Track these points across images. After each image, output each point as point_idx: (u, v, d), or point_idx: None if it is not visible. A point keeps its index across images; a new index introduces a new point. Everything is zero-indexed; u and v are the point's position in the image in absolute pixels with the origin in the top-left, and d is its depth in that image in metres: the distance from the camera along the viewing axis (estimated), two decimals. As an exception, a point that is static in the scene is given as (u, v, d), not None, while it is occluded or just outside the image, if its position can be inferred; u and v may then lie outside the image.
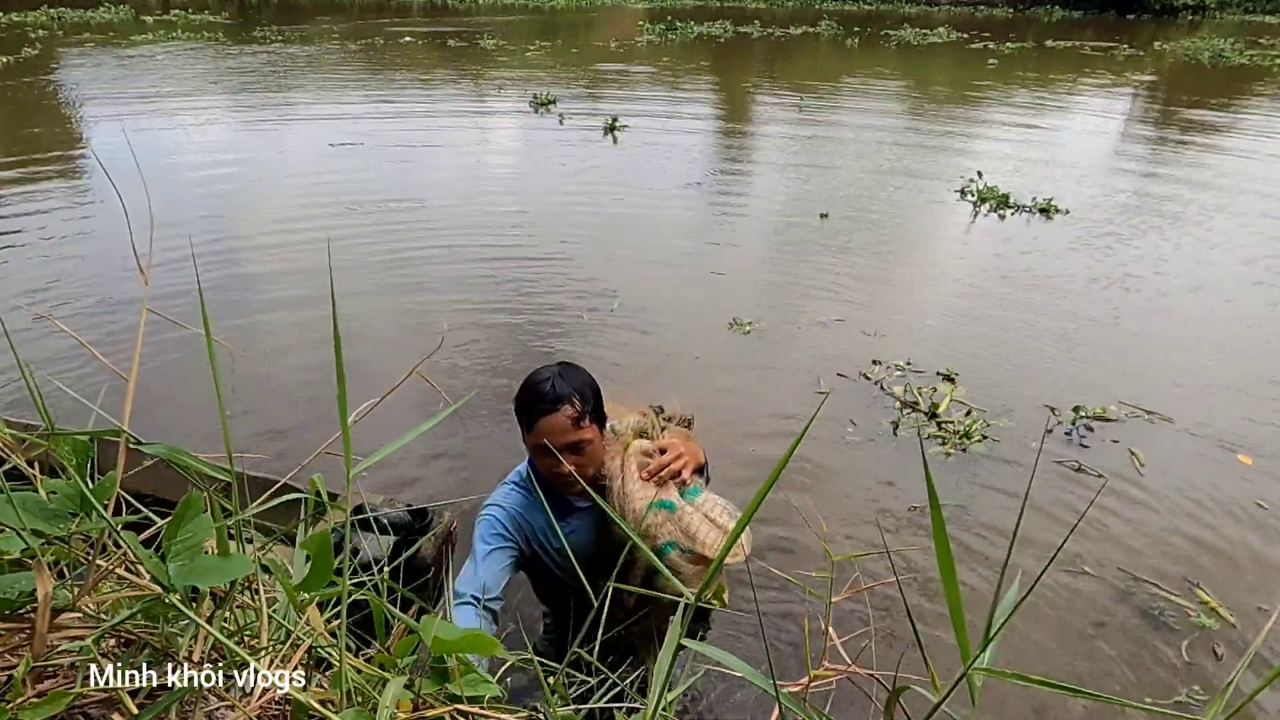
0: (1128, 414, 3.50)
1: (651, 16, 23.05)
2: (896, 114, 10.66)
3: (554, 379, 1.51)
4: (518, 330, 4.21)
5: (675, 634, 0.77)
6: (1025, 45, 17.89)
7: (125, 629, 0.79)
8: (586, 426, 1.52)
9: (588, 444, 1.53)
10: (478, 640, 0.87)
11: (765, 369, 3.89)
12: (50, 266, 4.82)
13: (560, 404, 1.48)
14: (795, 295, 4.75)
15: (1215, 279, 5.06)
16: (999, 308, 4.56)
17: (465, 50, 15.99)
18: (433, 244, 5.35)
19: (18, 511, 0.70)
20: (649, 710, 0.76)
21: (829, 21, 22.44)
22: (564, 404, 1.49)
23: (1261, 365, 3.94)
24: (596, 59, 15.50)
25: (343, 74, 12.92)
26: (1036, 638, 2.38)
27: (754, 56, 16.36)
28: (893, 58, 16.40)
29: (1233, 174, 7.56)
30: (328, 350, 3.88)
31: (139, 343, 0.95)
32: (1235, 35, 19.78)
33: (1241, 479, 3.09)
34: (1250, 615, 2.46)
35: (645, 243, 5.62)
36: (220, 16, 21.16)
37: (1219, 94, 12.30)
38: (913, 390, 3.64)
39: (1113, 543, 2.75)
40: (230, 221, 5.75)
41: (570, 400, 1.49)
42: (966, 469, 3.15)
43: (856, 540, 2.72)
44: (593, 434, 1.54)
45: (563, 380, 1.51)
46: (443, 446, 3.24)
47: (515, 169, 7.60)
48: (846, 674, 0.74)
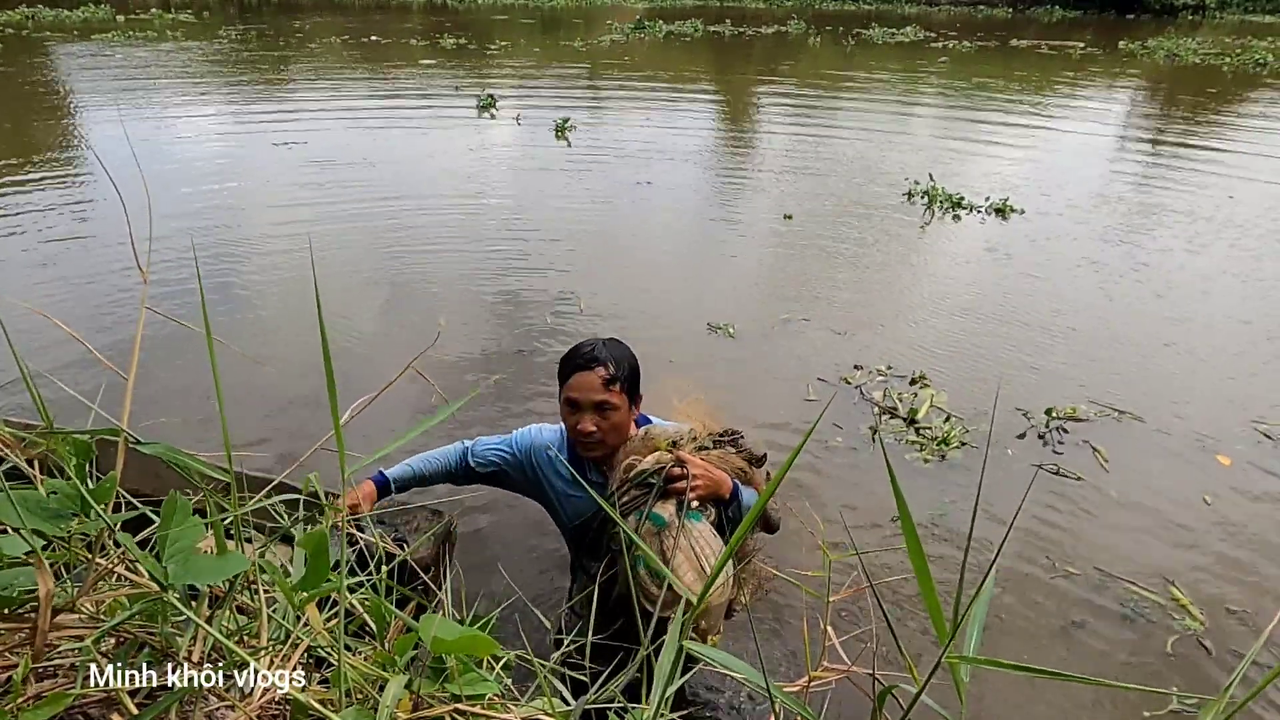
0: (1097, 413, 3.50)
1: (651, 15, 23.12)
2: (847, 112, 10.68)
3: (596, 345, 1.61)
4: (476, 337, 4.11)
5: (675, 634, 0.76)
6: (989, 44, 18.03)
7: (125, 629, 0.77)
8: (615, 393, 1.57)
9: (613, 409, 1.58)
10: (476, 641, 0.86)
11: (748, 374, 3.87)
12: (50, 264, 4.76)
13: (596, 364, 1.57)
14: (767, 298, 4.71)
15: (1183, 279, 5.10)
16: (969, 310, 4.55)
17: (428, 49, 15.88)
18: (426, 248, 5.31)
19: (19, 512, 0.68)
20: (649, 710, 0.75)
21: (797, 21, 22.54)
22: (599, 365, 1.57)
23: (1236, 365, 3.97)
24: (558, 59, 15.44)
25: (295, 72, 12.90)
26: (1012, 642, 2.38)
27: (718, 55, 16.39)
28: (849, 56, 16.53)
29: (1188, 171, 7.67)
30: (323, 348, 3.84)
31: (138, 342, 0.93)
32: (1234, 35, 19.93)
33: (1219, 479, 3.11)
34: (1220, 617, 2.47)
35: (602, 243, 5.53)
36: (187, 14, 21.15)
37: (1166, 92, 12.54)
38: (892, 396, 3.63)
39: (1087, 542, 2.76)
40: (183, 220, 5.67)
41: (606, 364, 1.57)
42: (945, 476, 3.13)
43: (842, 546, 2.71)
44: (620, 401, 1.58)
45: (604, 348, 1.61)
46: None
47: (455, 170, 7.34)
48: (846, 674, 0.73)
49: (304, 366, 3.75)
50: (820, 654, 0.75)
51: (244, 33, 17.73)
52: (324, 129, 8.79)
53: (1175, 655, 2.32)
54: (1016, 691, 2.19)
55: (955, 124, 9.96)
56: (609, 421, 1.58)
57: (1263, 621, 2.42)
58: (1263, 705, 2.12)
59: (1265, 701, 2.14)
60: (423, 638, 0.81)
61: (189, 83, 11.46)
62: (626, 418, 1.62)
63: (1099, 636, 2.39)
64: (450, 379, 3.63)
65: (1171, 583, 2.58)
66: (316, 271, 4.39)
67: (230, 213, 5.94)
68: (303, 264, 4.86)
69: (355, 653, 0.88)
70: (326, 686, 0.83)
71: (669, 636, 0.77)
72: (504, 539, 2.76)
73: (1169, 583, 2.58)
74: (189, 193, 6.30)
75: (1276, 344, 4.23)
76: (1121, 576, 2.60)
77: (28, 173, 6.71)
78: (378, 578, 0.97)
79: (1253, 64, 14.73)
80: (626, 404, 1.60)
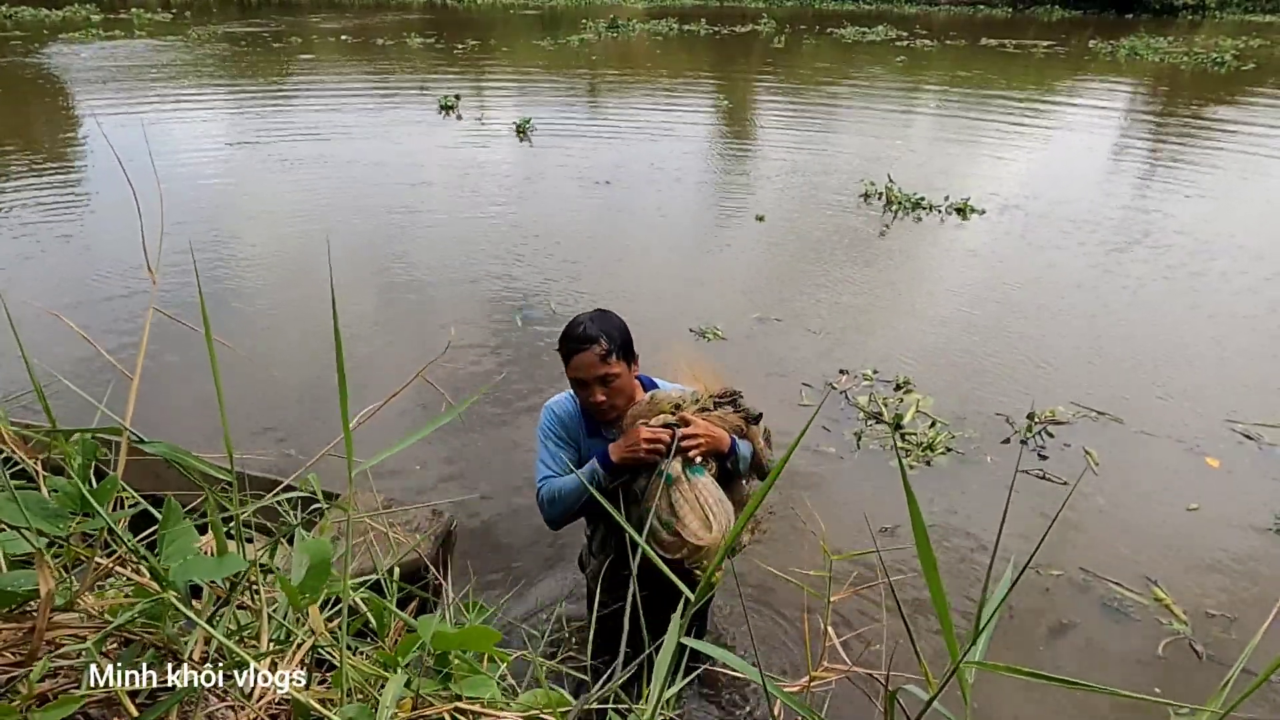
0: (1076, 414, 3.49)
1: (650, 14, 23.14)
2: (806, 111, 10.68)
3: (586, 323, 1.68)
4: (439, 341, 4.07)
5: (674, 632, 0.75)
6: (958, 44, 17.99)
7: (127, 630, 0.75)
8: (614, 363, 1.68)
9: (615, 377, 1.69)
10: (478, 635, 0.85)
11: (734, 380, 3.83)
12: (50, 264, 4.72)
13: (589, 343, 1.65)
14: (751, 300, 4.66)
15: (1145, 271, 5.12)
16: (949, 314, 4.52)
17: (392, 49, 15.81)
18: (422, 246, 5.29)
19: (25, 512, 0.66)
20: (648, 710, 0.73)
21: (766, 20, 22.57)
22: (593, 343, 1.65)
23: (1220, 369, 3.96)
24: (528, 58, 15.42)
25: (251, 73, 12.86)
26: (1000, 645, 2.37)
27: (684, 55, 16.33)
28: (811, 54, 16.59)
29: (1144, 169, 7.71)
30: (321, 349, 3.83)
31: (144, 342, 0.92)
32: (1235, 34, 19.86)
33: (1206, 481, 3.10)
34: (1200, 617, 2.47)
35: (569, 246, 5.44)
36: (158, 14, 21.15)
37: (1124, 88, 12.62)
38: (877, 401, 3.61)
39: (1069, 546, 2.75)
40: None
41: (599, 340, 1.66)
42: (931, 482, 3.10)
43: (837, 548, 2.69)
44: (620, 369, 1.69)
45: (593, 323, 1.68)
46: (440, 446, 3.18)
47: (400, 172, 7.24)
48: (846, 674, 0.72)
49: (303, 366, 3.73)
50: (820, 654, 0.74)
51: (214, 32, 17.69)
52: (281, 128, 8.76)
53: (1165, 658, 2.32)
54: (1011, 692, 2.18)
55: (914, 123, 9.91)
56: (614, 388, 1.70)
57: (1250, 623, 2.42)
58: (1267, 710, 2.12)
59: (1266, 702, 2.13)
60: (423, 636, 0.79)
61: (147, 82, 11.43)
62: (629, 379, 1.75)
63: (1089, 638, 2.38)
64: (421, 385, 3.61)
65: (1155, 583, 2.57)
66: (306, 271, 4.35)
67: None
68: (288, 265, 4.84)
69: (356, 652, 0.87)
70: (327, 686, 0.81)
71: (669, 636, 0.75)
72: (504, 539, 2.74)
73: (1151, 583, 2.57)
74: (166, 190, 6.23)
75: (1249, 339, 4.24)
76: (1107, 578, 2.60)
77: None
78: (379, 576, 0.96)
79: (1211, 64, 14.90)
80: (626, 368, 1.72)
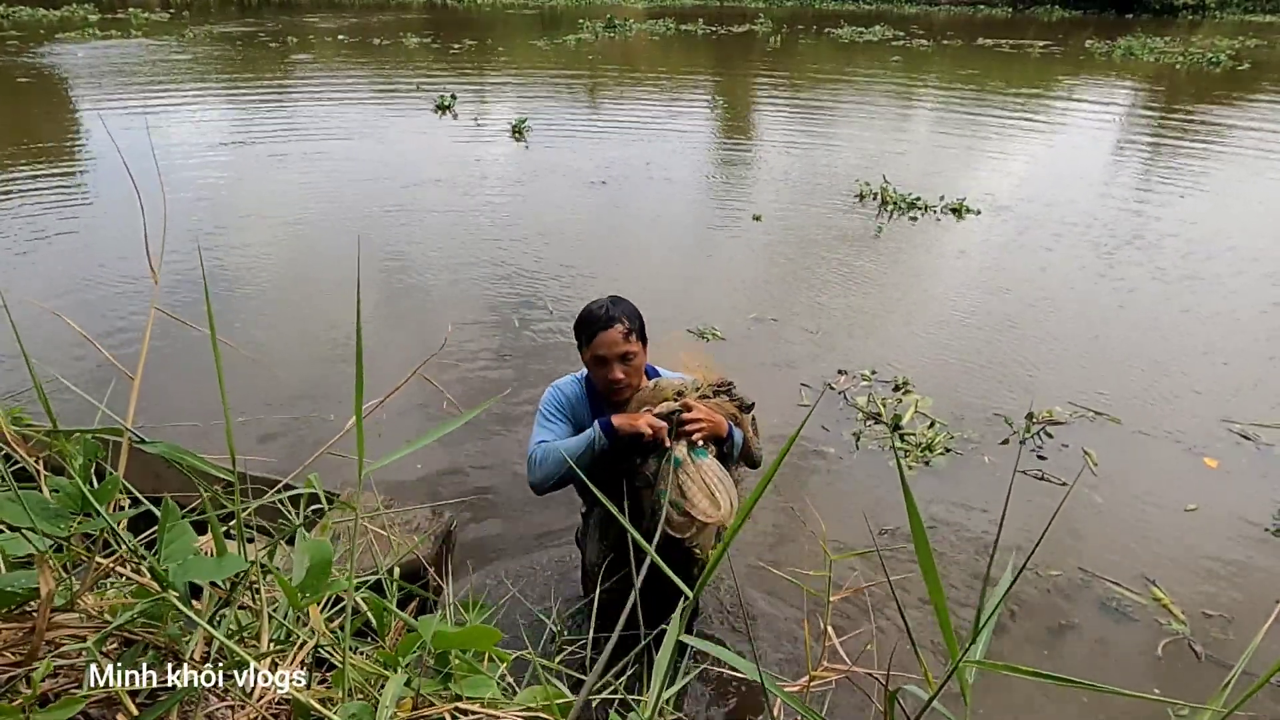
0: (1073, 414, 3.48)
1: (650, 14, 23.13)
2: (802, 111, 10.66)
3: (607, 304, 1.82)
4: (435, 340, 4.04)
5: (674, 631, 0.74)
6: (954, 44, 17.99)
7: (127, 630, 0.75)
8: (634, 342, 1.81)
9: (634, 356, 1.82)
10: (478, 635, 0.84)
11: (739, 375, 3.83)
12: (48, 261, 4.72)
13: (613, 322, 1.79)
14: (749, 300, 4.65)
15: (1145, 273, 5.10)
16: (947, 314, 4.51)
17: (389, 49, 15.78)
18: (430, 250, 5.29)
19: (28, 512, 0.66)
20: (648, 709, 0.73)
21: (763, 20, 22.57)
22: (616, 322, 1.79)
23: (1217, 369, 3.95)
24: (525, 58, 15.40)
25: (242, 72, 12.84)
26: (1000, 644, 2.36)
27: (681, 55, 16.31)
28: (807, 54, 16.57)
29: (1140, 170, 7.69)
30: (321, 349, 3.82)
31: (146, 342, 0.92)
32: (1234, 35, 19.81)
33: (1204, 481, 3.09)
34: (1199, 617, 2.46)
35: (565, 246, 5.42)
36: (156, 14, 21.19)
37: (1119, 88, 12.60)
38: (875, 401, 3.59)
39: (1068, 546, 2.74)
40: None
41: (621, 319, 1.79)
42: (930, 484, 3.09)
43: (836, 548, 2.69)
44: (638, 349, 1.83)
45: (614, 306, 1.82)
46: (439, 446, 3.17)
47: (415, 177, 7.19)
48: (846, 673, 0.72)
49: (303, 366, 3.72)
50: (820, 653, 0.74)
51: (210, 32, 17.69)
52: (276, 128, 8.75)
53: (1165, 658, 2.31)
54: (1011, 693, 2.17)
55: (910, 123, 9.89)
56: (633, 366, 1.82)
57: (1247, 623, 2.41)
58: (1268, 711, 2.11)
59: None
60: (424, 636, 0.79)
61: (146, 81, 11.43)
62: (643, 360, 1.87)
63: (1089, 639, 2.38)
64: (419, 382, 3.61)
65: (1153, 583, 2.56)
66: (307, 271, 4.34)
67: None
68: (286, 265, 4.84)
69: (356, 652, 0.87)
70: (327, 686, 0.81)
71: (669, 634, 0.75)
72: (504, 538, 2.73)
73: (1150, 583, 2.56)
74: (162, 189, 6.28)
75: (1245, 340, 4.23)
76: (1106, 578, 2.59)
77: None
78: (380, 575, 0.95)
79: (1207, 64, 14.93)
80: (642, 348, 1.85)
